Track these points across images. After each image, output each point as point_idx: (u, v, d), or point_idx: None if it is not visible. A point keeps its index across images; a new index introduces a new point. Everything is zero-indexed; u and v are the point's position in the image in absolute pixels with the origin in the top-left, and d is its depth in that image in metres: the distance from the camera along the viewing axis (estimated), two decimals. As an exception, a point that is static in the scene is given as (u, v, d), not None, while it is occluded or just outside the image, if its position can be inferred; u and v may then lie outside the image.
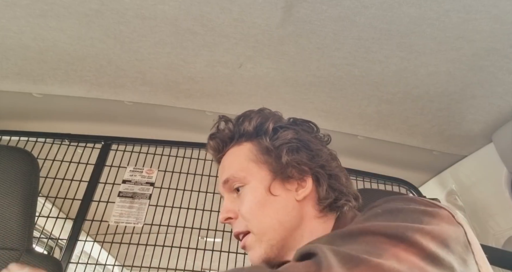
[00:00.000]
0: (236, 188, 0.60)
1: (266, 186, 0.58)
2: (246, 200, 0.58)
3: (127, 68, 1.08)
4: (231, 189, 0.61)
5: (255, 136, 0.63)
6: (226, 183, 0.61)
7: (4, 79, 1.15)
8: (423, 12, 0.78)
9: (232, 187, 0.61)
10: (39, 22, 0.90)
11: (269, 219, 0.56)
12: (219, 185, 0.64)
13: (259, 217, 0.56)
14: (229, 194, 0.62)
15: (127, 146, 1.43)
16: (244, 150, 0.63)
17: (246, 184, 0.59)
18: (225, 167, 0.64)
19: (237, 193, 0.60)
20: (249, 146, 0.63)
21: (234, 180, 0.60)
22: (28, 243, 0.88)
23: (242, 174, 0.60)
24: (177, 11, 0.85)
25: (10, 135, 1.35)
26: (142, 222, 1.28)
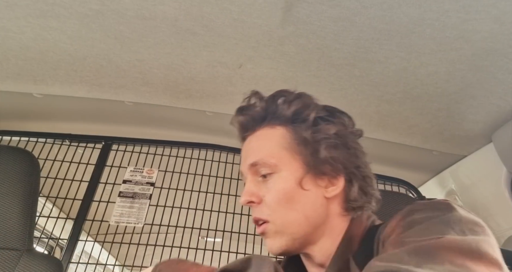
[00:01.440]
0: (263, 174, 0.57)
1: (297, 179, 0.55)
2: (274, 190, 0.55)
3: (128, 69, 1.08)
4: (257, 173, 0.57)
5: (291, 122, 0.59)
6: (254, 167, 0.57)
7: (5, 79, 1.16)
8: (423, 13, 0.78)
9: (258, 171, 0.57)
10: (40, 22, 0.91)
11: (296, 213, 0.54)
12: (242, 165, 0.60)
13: (286, 210, 0.54)
14: (253, 177, 0.58)
15: (127, 146, 1.43)
16: (277, 135, 0.59)
17: (275, 172, 0.56)
18: (253, 148, 0.60)
19: (262, 178, 0.57)
20: (283, 132, 0.59)
21: (263, 166, 0.57)
22: (28, 243, 0.88)
23: (273, 161, 0.56)
24: (177, 11, 0.85)
25: (11, 135, 1.35)
26: (142, 222, 1.28)
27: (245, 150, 0.61)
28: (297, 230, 0.54)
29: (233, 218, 1.34)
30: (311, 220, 0.54)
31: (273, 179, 0.56)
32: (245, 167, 0.59)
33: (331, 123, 0.59)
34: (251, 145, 0.61)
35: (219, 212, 1.34)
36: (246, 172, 0.59)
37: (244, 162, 0.60)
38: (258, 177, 0.57)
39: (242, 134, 0.64)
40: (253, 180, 0.58)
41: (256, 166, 0.57)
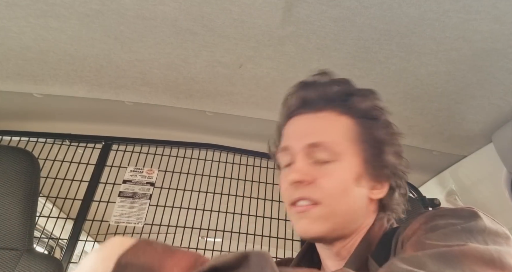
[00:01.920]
0: (321, 158, 0.55)
1: (356, 173, 0.55)
2: (334, 177, 0.54)
3: (128, 69, 1.08)
4: (311, 155, 0.55)
5: (361, 116, 0.57)
6: (312, 147, 0.55)
7: (5, 79, 1.16)
8: (423, 13, 0.78)
9: (315, 154, 0.55)
10: (40, 22, 0.91)
11: (347, 206, 0.54)
12: (295, 142, 0.57)
13: (339, 199, 0.53)
14: (305, 157, 0.55)
15: (127, 146, 1.43)
16: (344, 125, 0.57)
17: (336, 160, 0.54)
18: (316, 129, 0.57)
19: (316, 161, 0.55)
20: (350, 123, 0.57)
21: (325, 150, 0.54)
22: (28, 243, 0.88)
23: (337, 149, 0.54)
24: (178, 11, 0.85)
25: (11, 135, 1.35)
26: (142, 222, 1.28)
27: (303, 128, 0.58)
28: (341, 221, 0.54)
29: (233, 218, 1.34)
30: (354, 216, 0.55)
31: (332, 166, 0.54)
32: (300, 145, 0.56)
33: (397, 129, 0.59)
34: (312, 125, 0.58)
35: (219, 212, 1.34)
36: (298, 149, 0.56)
37: (299, 140, 0.57)
38: (311, 159, 0.55)
39: (297, 110, 0.60)
40: (305, 159, 0.55)
41: (316, 148, 0.55)
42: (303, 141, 0.56)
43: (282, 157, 0.59)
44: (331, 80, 0.60)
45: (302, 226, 0.53)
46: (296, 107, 0.60)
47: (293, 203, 0.55)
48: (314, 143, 0.55)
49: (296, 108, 0.60)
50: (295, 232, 0.57)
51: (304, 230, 0.53)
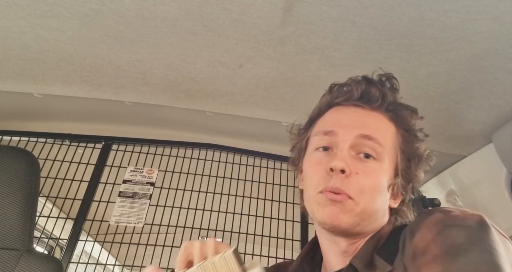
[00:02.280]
0: (366, 153, 0.55)
1: (390, 179, 0.57)
2: (373, 175, 0.55)
3: (128, 69, 1.08)
4: (357, 147, 0.56)
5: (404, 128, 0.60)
6: (363, 139, 0.56)
7: (5, 79, 1.16)
8: (423, 13, 0.78)
9: (362, 147, 0.56)
10: (40, 22, 0.91)
11: (376, 207, 0.55)
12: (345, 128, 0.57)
13: (372, 198, 0.54)
14: (350, 149, 0.56)
15: (127, 146, 1.43)
16: (391, 130, 0.59)
17: (378, 160, 0.55)
18: (371, 123, 0.58)
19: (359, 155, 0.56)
20: (395, 132, 0.59)
21: (374, 147, 0.55)
22: (28, 243, 0.88)
23: (383, 150, 0.56)
24: (178, 11, 0.85)
25: (11, 135, 1.36)
26: (142, 222, 1.28)
27: (357, 119, 0.59)
28: (366, 219, 0.54)
29: (233, 218, 1.34)
30: (377, 217, 0.56)
31: (373, 164, 0.55)
32: (351, 134, 0.56)
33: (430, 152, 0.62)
34: (366, 119, 0.59)
35: (219, 212, 1.34)
36: (347, 137, 0.56)
37: (351, 128, 0.57)
38: (354, 152, 0.56)
39: (353, 101, 0.61)
40: (350, 151, 0.56)
41: (366, 140, 0.56)
42: (356, 130, 0.56)
43: (320, 140, 0.59)
44: (392, 86, 0.62)
45: (331, 213, 0.53)
46: (353, 97, 0.60)
47: (324, 191, 0.54)
48: (367, 135, 0.56)
49: (353, 98, 0.61)
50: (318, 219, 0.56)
51: (332, 217, 0.53)
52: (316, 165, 0.57)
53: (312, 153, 0.60)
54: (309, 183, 0.58)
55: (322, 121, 0.63)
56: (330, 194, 0.54)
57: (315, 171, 0.57)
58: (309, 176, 0.58)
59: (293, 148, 0.69)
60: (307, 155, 0.62)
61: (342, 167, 0.53)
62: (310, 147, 0.62)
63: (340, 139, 0.57)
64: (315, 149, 0.59)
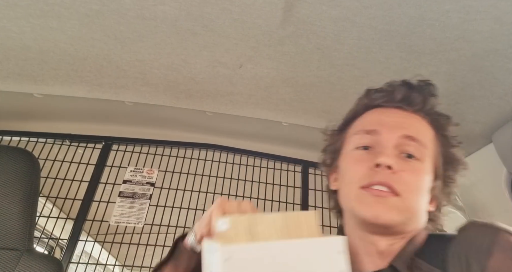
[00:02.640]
0: (409, 153, 0.56)
1: (431, 180, 0.57)
2: (418, 175, 0.55)
3: (128, 69, 1.08)
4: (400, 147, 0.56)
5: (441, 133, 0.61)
6: (408, 140, 0.56)
7: (5, 79, 1.16)
8: (423, 13, 0.78)
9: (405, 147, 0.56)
10: (40, 22, 0.91)
11: (419, 205, 0.55)
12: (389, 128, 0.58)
13: (416, 197, 0.54)
14: (394, 148, 0.56)
15: (127, 147, 1.43)
16: (430, 134, 0.60)
17: (420, 161, 0.56)
18: (413, 125, 0.59)
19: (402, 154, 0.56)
20: (434, 136, 0.60)
21: (418, 147, 0.56)
22: (29, 243, 0.88)
23: (425, 151, 0.57)
24: (178, 11, 0.85)
25: (11, 136, 1.36)
26: (142, 222, 1.28)
27: (400, 120, 0.60)
28: (409, 218, 0.54)
29: (233, 218, 1.34)
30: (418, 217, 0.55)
31: (418, 164, 0.56)
32: (395, 134, 0.57)
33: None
34: (409, 121, 0.60)
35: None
36: (390, 137, 0.57)
37: (395, 128, 0.58)
38: (397, 151, 0.56)
39: (395, 103, 0.62)
40: (394, 151, 0.56)
41: (410, 141, 0.56)
42: (399, 131, 0.57)
43: (360, 139, 0.60)
44: (431, 92, 0.63)
45: (376, 210, 0.52)
46: (395, 99, 0.62)
47: (368, 185, 0.54)
48: (411, 136, 0.56)
49: (394, 100, 0.62)
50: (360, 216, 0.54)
51: (377, 214, 0.52)
52: (358, 162, 0.57)
53: (352, 151, 0.60)
54: (349, 179, 0.57)
55: (361, 122, 0.64)
56: (374, 190, 0.53)
57: (357, 167, 0.57)
58: (350, 173, 0.58)
59: (326, 149, 0.70)
60: (345, 154, 0.62)
61: (390, 163, 0.53)
62: (348, 146, 0.62)
63: (384, 138, 0.57)
64: (355, 148, 0.60)
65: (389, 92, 0.63)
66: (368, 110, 0.65)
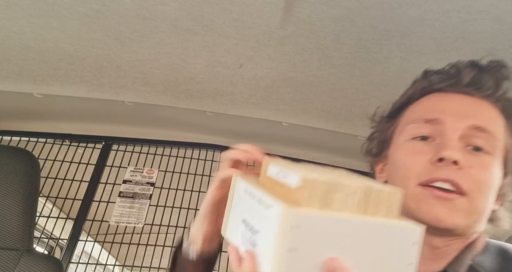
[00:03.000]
0: (477, 146, 0.48)
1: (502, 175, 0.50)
2: (489, 171, 0.48)
3: (128, 69, 1.08)
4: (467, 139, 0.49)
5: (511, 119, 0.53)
6: (476, 131, 0.49)
7: (5, 79, 1.16)
8: (423, 13, 0.78)
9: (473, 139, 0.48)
10: (40, 22, 0.91)
11: (486, 206, 0.48)
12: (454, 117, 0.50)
13: (485, 197, 0.47)
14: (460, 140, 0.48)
15: (127, 146, 1.43)
16: (502, 124, 0.52)
17: (490, 154, 0.48)
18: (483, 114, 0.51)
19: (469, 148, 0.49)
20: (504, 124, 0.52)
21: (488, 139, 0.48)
22: (28, 243, 0.88)
23: (496, 144, 0.49)
24: (178, 11, 0.85)
25: (11, 135, 1.36)
26: (142, 222, 1.28)
27: (467, 107, 0.51)
28: (475, 220, 0.47)
29: (233, 218, 1.34)
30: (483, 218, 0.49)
31: (488, 158, 0.48)
32: (462, 123, 0.49)
33: None
34: (478, 109, 0.51)
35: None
36: (456, 127, 0.49)
37: (462, 117, 0.50)
38: (463, 143, 0.48)
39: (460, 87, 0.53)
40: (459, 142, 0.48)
41: (479, 132, 0.49)
42: (467, 120, 0.49)
43: (418, 128, 0.52)
44: (505, 75, 0.55)
45: (439, 212, 0.45)
46: (461, 83, 0.53)
47: (429, 182, 0.47)
48: (480, 126, 0.49)
49: (461, 84, 0.53)
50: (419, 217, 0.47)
51: (439, 217, 0.45)
52: (415, 154, 0.50)
53: (407, 142, 0.52)
54: (403, 174, 0.50)
55: (418, 108, 0.55)
56: (437, 189, 0.46)
57: (414, 160, 0.49)
58: (404, 166, 0.50)
59: (373, 138, 0.62)
60: (399, 144, 0.54)
61: (457, 157, 0.45)
62: (401, 136, 0.54)
63: (448, 128, 0.49)
64: (411, 138, 0.52)
65: (453, 74, 0.55)
66: (426, 94, 0.56)
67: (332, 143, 1.41)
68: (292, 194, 0.33)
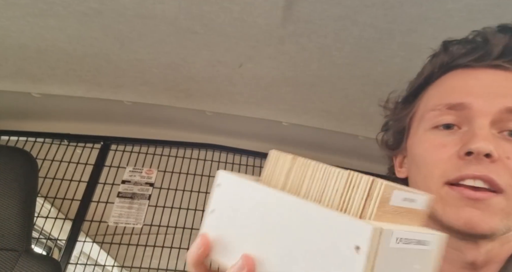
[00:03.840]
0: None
1: None
2: None
3: (127, 68, 1.08)
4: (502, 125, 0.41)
5: None
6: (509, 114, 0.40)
7: (3, 78, 1.15)
8: (425, 12, 0.78)
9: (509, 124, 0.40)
10: (38, 21, 0.90)
11: None
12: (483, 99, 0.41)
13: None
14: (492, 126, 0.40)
15: (126, 146, 1.42)
16: None
17: None
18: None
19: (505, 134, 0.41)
20: None
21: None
22: (27, 243, 0.87)
23: None
24: (177, 10, 0.84)
25: (9, 135, 1.35)
26: (141, 222, 1.27)
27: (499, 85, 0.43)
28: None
29: (233, 219, 1.34)
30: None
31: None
32: (493, 106, 0.41)
33: None
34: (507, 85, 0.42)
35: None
36: (486, 111, 0.41)
37: (492, 99, 0.41)
38: (497, 130, 0.41)
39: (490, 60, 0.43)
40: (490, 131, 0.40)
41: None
42: (499, 101, 0.41)
43: (441, 115, 0.44)
44: None
45: (471, 216, 0.38)
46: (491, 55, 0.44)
47: (457, 181, 0.39)
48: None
49: (490, 57, 0.44)
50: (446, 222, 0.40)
51: (472, 222, 0.38)
52: (439, 147, 0.42)
53: (428, 132, 0.44)
54: (426, 172, 0.43)
55: (439, 90, 0.47)
56: (467, 189, 0.39)
57: (437, 156, 0.42)
58: (426, 163, 0.43)
59: (388, 127, 0.55)
60: (418, 135, 0.46)
61: (489, 150, 0.38)
62: (421, 125, 0.46)
63: (476, 114, 0.41)
64: (433, 127, 0.44)
65: (480, 44, 0.45)
66: (447, 72, 0.47)
67: (332, 143, 1.40)
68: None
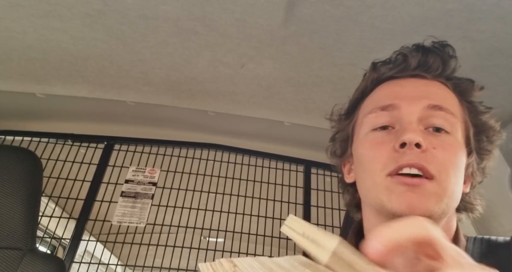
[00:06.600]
0: (437, 126, 0.47)
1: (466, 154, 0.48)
2: (451, 150, 0.46)
3: (130, 69, 1.08)
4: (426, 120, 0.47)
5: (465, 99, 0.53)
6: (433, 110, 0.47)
7: (8, 79, 1.16)
8: (426, 12, 0.78)
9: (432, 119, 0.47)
10: (42, 22, 0.91)
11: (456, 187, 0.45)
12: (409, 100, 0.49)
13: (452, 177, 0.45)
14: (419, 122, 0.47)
15: (129, 146, 1.43)
16: (455, 101, 0.51)
17: (450, 133, 0.47)
18: (437, 93, 0.50)
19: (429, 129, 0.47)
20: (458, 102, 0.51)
21: (446, 117, 0.47)
22: (31, 242, 0.88)
23: (454, 121, 0.48)
24: (180, 11, 0.85)
25: (14, 135, 1.36)
26: (144, 222, 1.28)
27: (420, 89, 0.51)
28: (448, 204, 0.44)
29: (235, 218, 1.34)
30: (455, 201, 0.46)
31: (450, 138, 0.47)
32: (417, 105, 0.48)
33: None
34: (430, 89, 0.51)
35: (221, 212, 1.34)
36: (412, 110, 0.48)
37: (416, 99, 0.49)
38: (422, 126, 0.47)
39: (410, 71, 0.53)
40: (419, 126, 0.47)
41: (436, 111, 0.47)
42: (422, 101, 0.48)
43: (376, 117, 0.50)
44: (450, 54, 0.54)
45: (410, 201, 0.43)
46: (410, 67, 0.53)
47: (396, 171, 0.45)
48: (437, 105, 0.48)
49: (409, 68, 0.53)
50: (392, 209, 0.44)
51: (412, 205, 0.43)
52: (378, 145, 0.48)
53: (368, 134, 0.51)
54: (370, 168, 0.48)
55: (373, 98, 0.54)
56: (405, 177, 0.44)
57: (378, 151, 0.47)
58: (369, 160, 0.49)
59: (334, 138, 0.61)
60: (360, 139, 0.53)
61: (418, 139, 0.44)
62: (362, 129, 0.53)
63: (404, 113, 0.48)
64: (371, 129, 0.50)
65: (400, 60, 0.54)
66: (378, 85, 0.55)
67: (334, 143, 1.40)
68: None
